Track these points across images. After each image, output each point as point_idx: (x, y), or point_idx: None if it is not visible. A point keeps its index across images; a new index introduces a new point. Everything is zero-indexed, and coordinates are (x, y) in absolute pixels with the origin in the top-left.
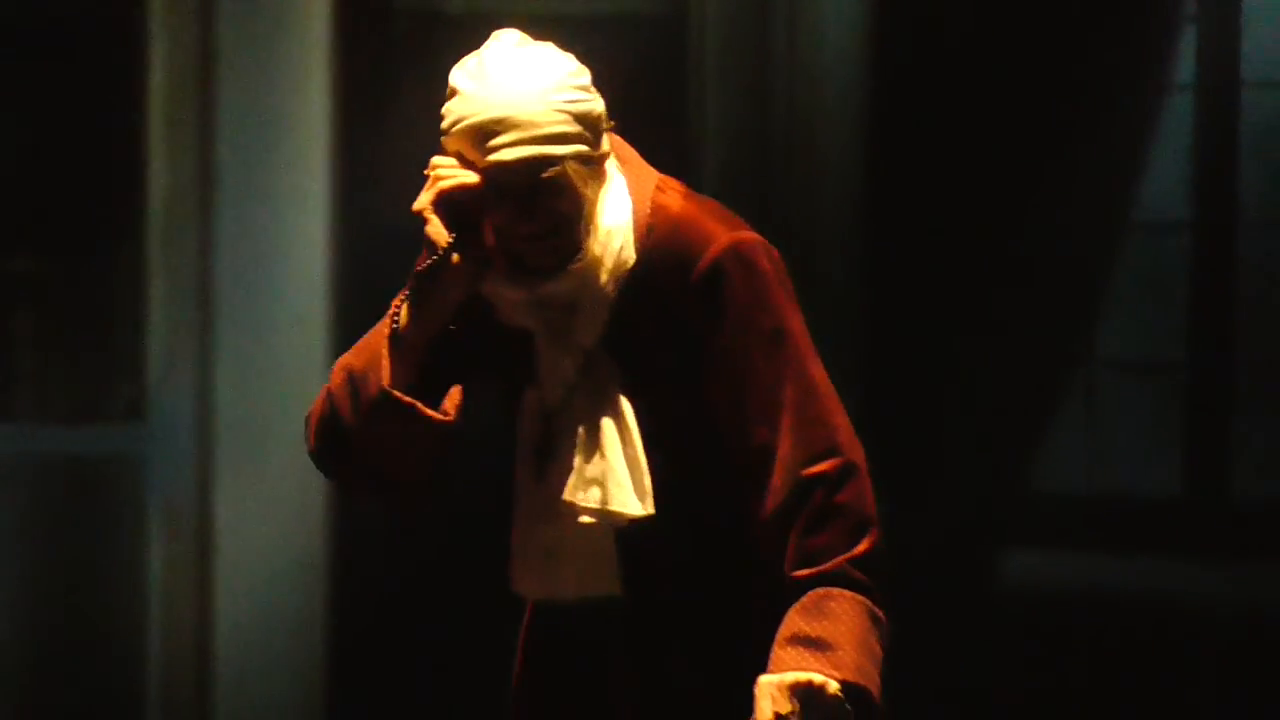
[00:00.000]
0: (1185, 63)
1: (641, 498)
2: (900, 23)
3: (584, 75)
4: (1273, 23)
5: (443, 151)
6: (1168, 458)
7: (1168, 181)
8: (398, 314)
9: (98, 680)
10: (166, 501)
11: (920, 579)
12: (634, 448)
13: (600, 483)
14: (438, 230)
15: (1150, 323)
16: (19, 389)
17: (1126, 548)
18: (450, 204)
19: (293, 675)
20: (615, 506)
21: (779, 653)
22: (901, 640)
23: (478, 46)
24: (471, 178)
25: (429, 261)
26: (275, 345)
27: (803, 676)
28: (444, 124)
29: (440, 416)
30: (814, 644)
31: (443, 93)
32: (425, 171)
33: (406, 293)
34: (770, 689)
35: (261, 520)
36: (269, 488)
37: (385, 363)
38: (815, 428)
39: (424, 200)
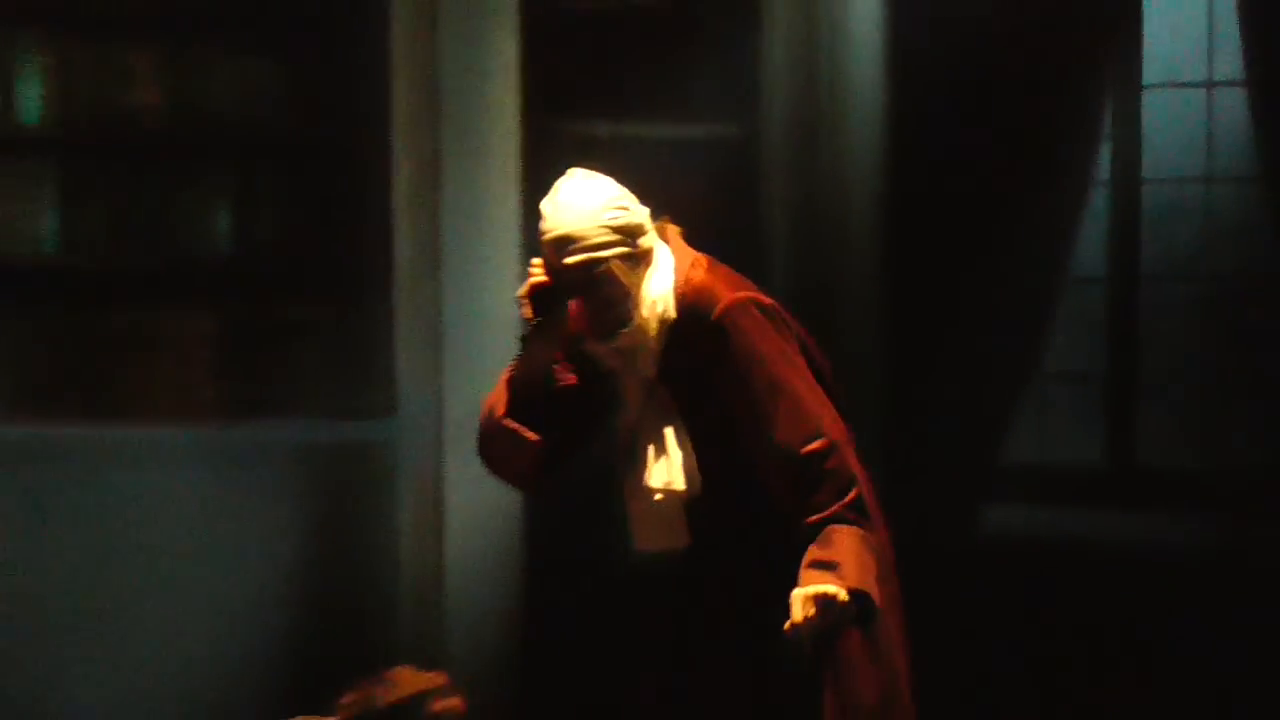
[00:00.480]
0: (1103, 165)
1: (693, 481)
2: (905, 150)
3: (624, 199)
4: (1163, 139)
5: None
6: (1093, 439)
7: (1092, 248)
8: (514, 365)
9: (363, 604)
10: (411, 475)
11: (919, 525)
12: (687, 447)
13: (667, 472)
14: (527, 312)
15: (1080, 346)
16: (308, 395)
17: (1064, 502)
18: (537, 293)
19: (501, 595)
20: (677, 487)
21: (804, 574)
22: (902, 572)
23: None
24: (545, 278)
25: (524, 332)
26: (486, 362)
27: (821, 589)
28: (538, 236)
29: (533, 437)
30: (827, 566)
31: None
32: (527, 269)
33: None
34: (800, 598)
35: (478, 487)
36: (482, 465)
37: (504, 398)
38: (804, 421)
39: (521, 291)
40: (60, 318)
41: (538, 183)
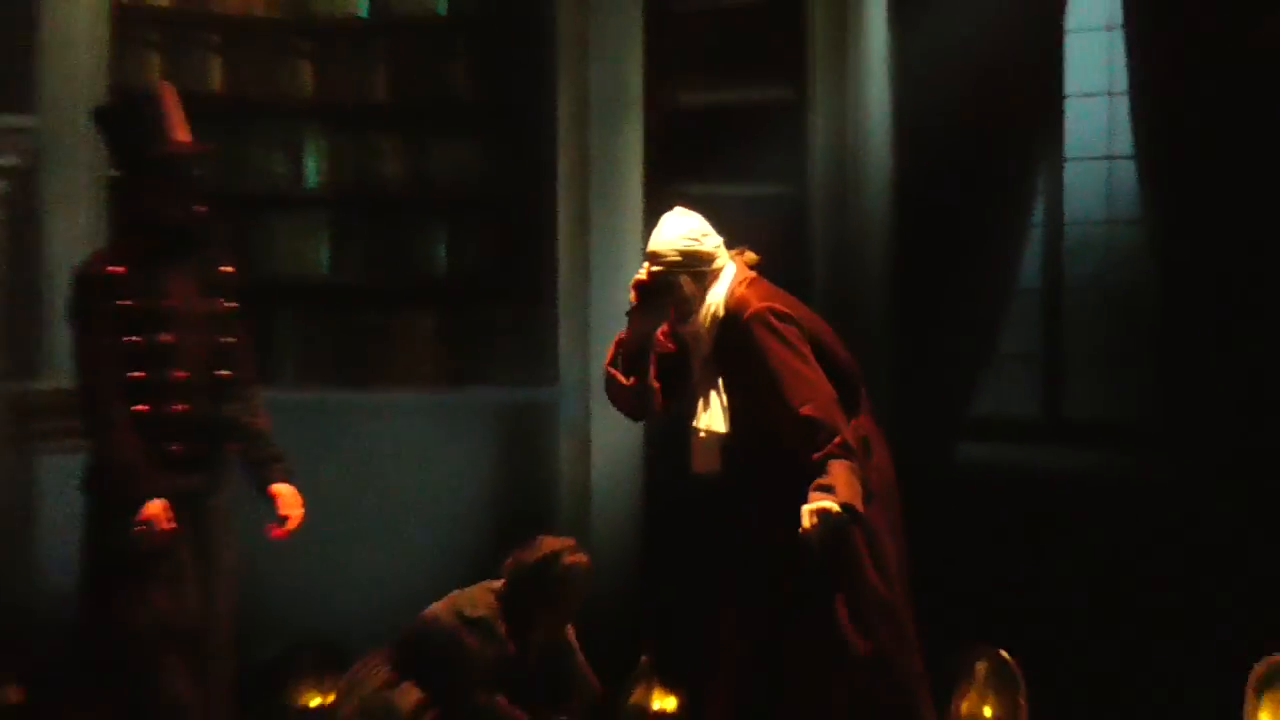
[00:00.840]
0: (1038, 212)
1: (725, 425)
2: (906, 203)
3: (699, 233)
4: (1078, 194)
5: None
6: (1033, 398)
7: (1031, 268)
8: (622, 333)
9: (535, 511)
10: (569, 424)
11: (915, 456)
12: (724, 402)
13: (711, 419)
14: (633, 297)
15: (1024, 335)
16: (499, 370)
17: (1012, 441)
18: (640, 286)
19: (629, 502)
20: (715, 429)
21: (810, 494)
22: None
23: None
24: (645, 277)
25: (628, 310)
26: None
27: (820, 504)
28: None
29: (625, 381)
30: (825, 489)
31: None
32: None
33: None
34: (807, 512)
35: (614, 431)
36: (618, 416)
37: (610, 354)
38: (801, 392)
39: (630, 284)
40: (332, 317)
41: (652, 223)
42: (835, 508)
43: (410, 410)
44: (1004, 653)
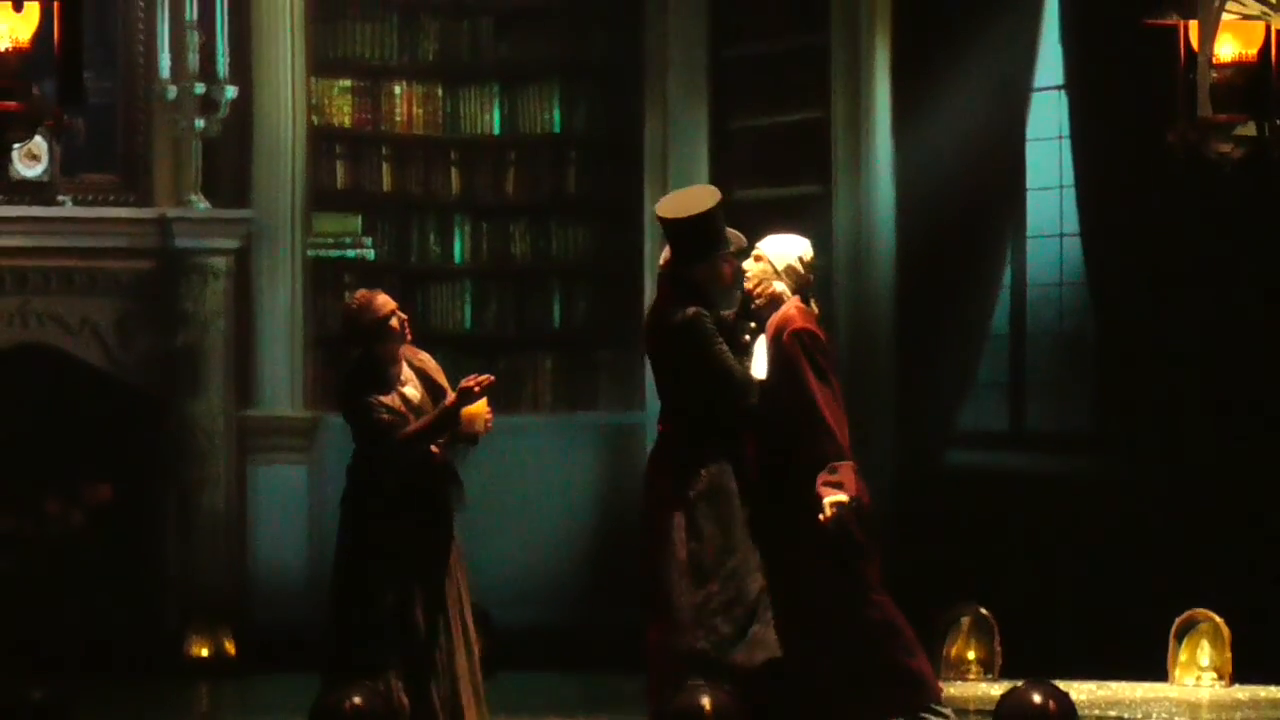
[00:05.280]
0: (1007, 275)
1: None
2: (907, 262)
3: (801, 253)
4: (1036, 262)
5: None
6: (1003, 416)
7: (1001, 318)
8: None
9: (624, 500)
10: (652, 438)
11: (914, 459)
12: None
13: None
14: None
15: (997, 368)
16: (602, 399)
17: (987, 448)
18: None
19: None
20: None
21: (820, 489)
22: (885, 490)
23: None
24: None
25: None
26: None
27: (835, 497)
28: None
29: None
30: (836, 485)
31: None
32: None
33: None
34: (826, 503)
35: None
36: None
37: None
38: (827, 438)
39: None
40: (473, 360)
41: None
42: (845, 499)
43: (536, 429)
44: (983, 609)
